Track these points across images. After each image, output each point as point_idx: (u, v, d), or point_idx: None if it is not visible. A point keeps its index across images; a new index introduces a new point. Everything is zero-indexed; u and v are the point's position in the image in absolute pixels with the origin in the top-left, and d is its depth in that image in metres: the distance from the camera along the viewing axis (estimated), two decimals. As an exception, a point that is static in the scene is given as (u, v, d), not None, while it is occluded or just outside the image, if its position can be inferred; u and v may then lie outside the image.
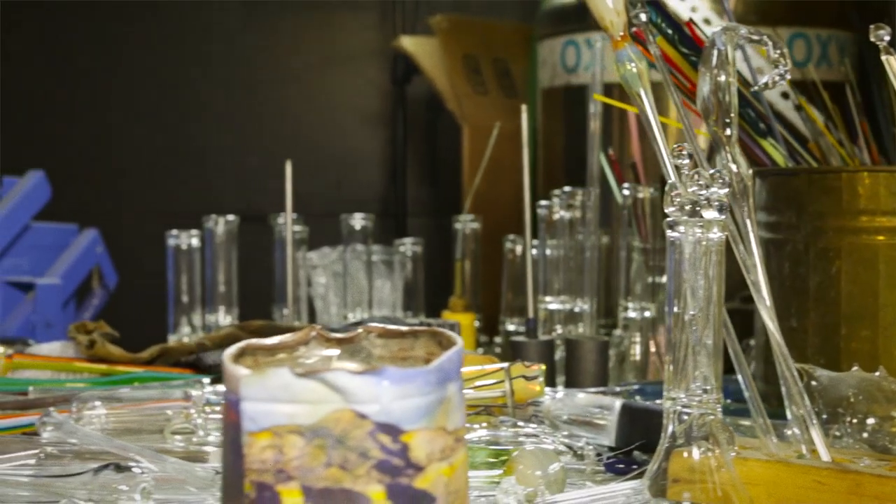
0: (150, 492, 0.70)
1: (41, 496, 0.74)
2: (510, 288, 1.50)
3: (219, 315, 1.44)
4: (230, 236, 1.45)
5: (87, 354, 1.10)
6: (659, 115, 0.84)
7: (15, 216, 1.50)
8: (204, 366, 1.09)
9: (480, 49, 2.04)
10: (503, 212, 2.00)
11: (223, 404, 0.54)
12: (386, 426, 0.52)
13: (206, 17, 2.66)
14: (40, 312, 1.49)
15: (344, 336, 0.63)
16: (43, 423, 0.84)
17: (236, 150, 2.67)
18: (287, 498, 0.52)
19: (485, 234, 1.85)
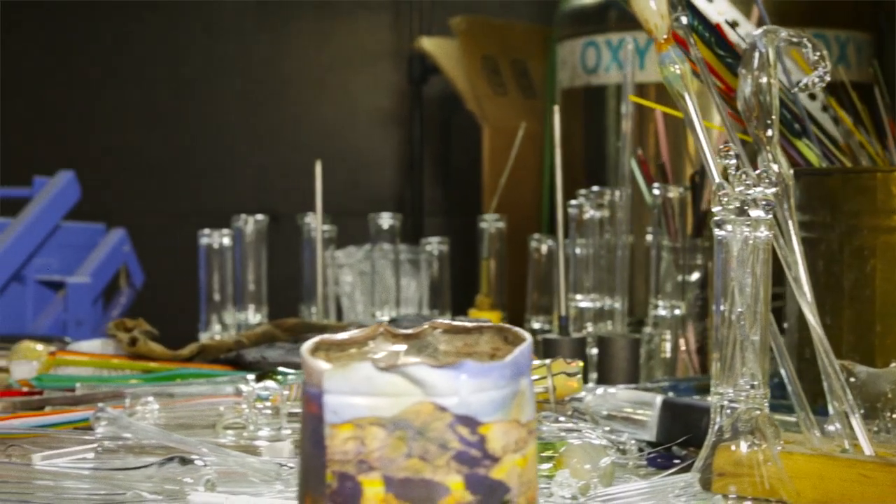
0: (214, 484, 0.71)
1: (102, 489, 0.75)
2: (536, 287, 1.52)
3: (248, 313, 1.46)
4: (259, 235, 1.47)
5: (129, 352, 1.12)
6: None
7: (46, 216, 1.51)
8: (245, 363, 1.11)
9: (499, 50, 2.05)
10: (522, 211, 2.02)
11: (303, 397, 0.56)
12: (464, 418, 0.53)
13: (221, 18, 2.68)
14: (71, 311, 1.51)
15: (410, 332, 0.64)
16: (97, 418, 0.86)
17: (253, 150, 2.69)
18: (368, 488, 0.53)
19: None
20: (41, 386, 1.04)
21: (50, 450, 0.83)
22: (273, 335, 1.22)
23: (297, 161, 2.67)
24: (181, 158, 2.64)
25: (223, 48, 2.69)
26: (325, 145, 2.68)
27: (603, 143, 1.93)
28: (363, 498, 0.53)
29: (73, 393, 1.00)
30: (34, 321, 1.51)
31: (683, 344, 1.23)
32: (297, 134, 2.69)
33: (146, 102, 2.62)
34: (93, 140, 2.58)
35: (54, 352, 1.12)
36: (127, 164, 2.56)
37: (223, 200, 2.64)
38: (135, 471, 0.75)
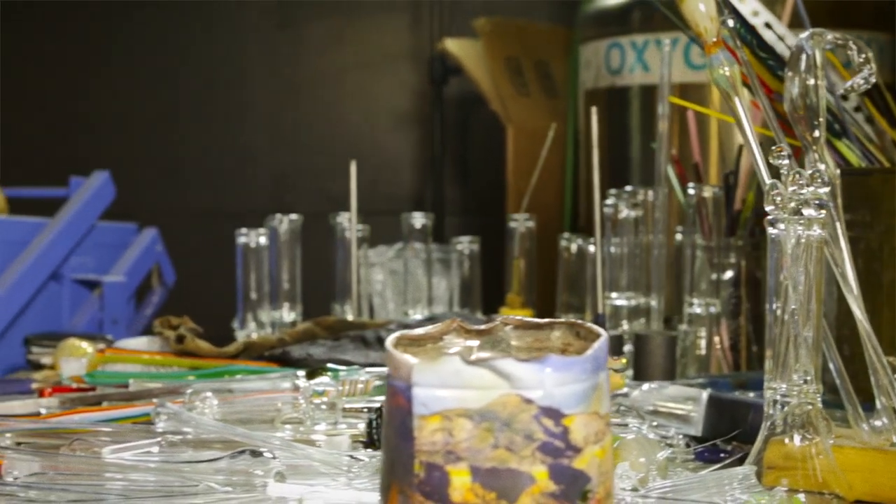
0: (284, 476, 0.73)
1: (174, 481, 0.77)
2: (565, 285, 1.54)
3: (283, 312, 1.48)
4: (294, 235, 1.49)
5: (176, 349, 1.14)
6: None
7: (82, 216, 1.53)
8: (291, 359, 1.13)
9: (522, 51, 2.07)
10: (545, 211, 2.04)
11: (388, 389, 0.58)
12: (549, 410, 0.55)
13: (244, 19, 2.70)
14: (107, 309, 1.53)
15: (483, 328, 0.66)
16: (158, 413, 0.88)
17: (274, 150, 2.71)
18: (456, 477, 0.55)
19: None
20: (93, 382, 1.06)
21: (112, 444, 0.84)
22: (314, 333, 1.24)
23: (317, 161, 2.70)
24: (203, 158, 2.66)
25: (245, 49, 2.70)
26: (345, 146, 2.70)
27: (626, 144, 1.94)
28: (451, 487, 0.55)
29: (126, 389, 1.02)
30: (70, 319, 1.52)
31: (718, 341, 1.25)
32: (316, 134, 2.71)
33: (170, 102, 2.64)
34: (112, 140, 2.60)
35: (103, 349, 1.14)
36: (144, 163, 2.58)
37: (244, 200, 2.66)
38: (203, 464, 0.76)
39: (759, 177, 0.85)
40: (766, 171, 0.84)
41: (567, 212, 2.11)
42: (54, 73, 2.61)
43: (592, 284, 1.42)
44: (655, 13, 1.91)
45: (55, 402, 0.98)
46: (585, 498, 0.56)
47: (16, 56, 2.61)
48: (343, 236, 1.51)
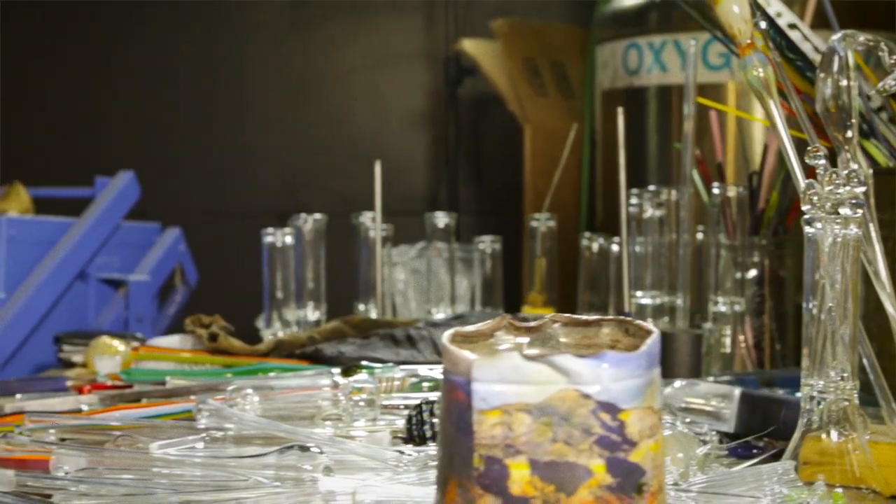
0: (332, 470, 0.74)
1: (217, 476, 0.78)
2: (586, 284, 1.55)
3: (307, 310, 1.49)
4: (318, 234, 1.50)
5: (209, 347, 1.15)
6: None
7: (108, 216, 1.55)
8: (323, 357, 1.14)
9: (539, 52, 2.09)
10: (561, 210, 2.05)
11: (446, 385, 0.59)
12: (606, 405, 0.56)
13: (256, 20, 2.72)
14: (132, 308, 1.55)
15: (532, 325, 0.68)
16: (200, 409, 0.89)
17: (285, 150, 2.72)
18: (515, 471, 0.56)
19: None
20: (130, 379, 1.07)
21: (155, 440, 0.86)
22: (342, 331, 1.26)
23: (328, 162, 2.71)
24: (215, 159, 2.68)
25: (258, 50, 2.72)
26: (357, 146, 2.72)
27: (643, 144, 1.96)
28: (510, 480, 0.57)
29: (163, 386, 1.03)
30: (96, 318, 1.54)
31: (743, 339, 1.26)
32: (328, 135, 2.73)
33: (178, 102, 2.66)
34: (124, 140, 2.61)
35: (136, 347, 1.15)
36: (153, 163, 2.60)
37: (255, 201, 2.68)
38: (250, 459, 0.78)
39: (794, 177, 0.86)
40: (802, 171, 0.86)
41: (583, 211, 2.12)
42: (75, 73, 2.62)
43: (616, 283, 1.43)
44: (673, 14, 1.93)
45: (95, 399, 0.99)
46: (640, 491, 0.57)
47: (38, 56, 2.63)
48: (367, 236, 1.52)
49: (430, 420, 0.87)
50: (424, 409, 0.88)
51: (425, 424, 0.87)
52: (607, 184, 2.02)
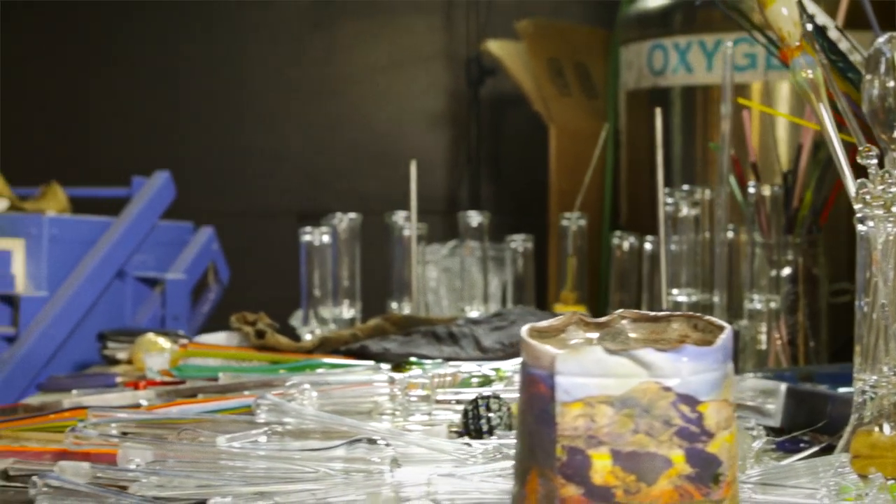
0: (399, 463, 0.76)
1: (280, 468, 0.80)
2: (617, 282, 1.57)
3: (343, 308, 1.51)
4: (353, 233, 1.52)
5: (257, 344, 1.17)
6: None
7: (145, 215, 1.57)
8: (370, 353, 1.16)
9: (562, 52, 2.11)
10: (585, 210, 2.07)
11: (526, 378, 0.61)
12: (685, 397, 0.58)
13: (277, 20, 2.74)
14: (169, 306, 1.56)
15: (601, 321, 0.69)
16: (259, 404, 0.91)
17: (305, 150, 2.74)
18: (597, 461, 0.58)
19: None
20: (182, 376, 1.09)
21: (218, 433, 0.88)
22: (383, 329, 1.28)
23: (349, 161, 2.73)
24: (235, 158, 2.70)
25: (279, 50, 2.74)
26: (377, 145, 2.74)
27: (669, 143, 1.98)
28: (592, 470, 0.58)
29: (216, 382, 1.05)
30: (133, 316, 1.56)
31: (778, 335, 1.28)
32: (349, 135, 2.75)
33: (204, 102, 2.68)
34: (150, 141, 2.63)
35: (185, 344, 1.17)
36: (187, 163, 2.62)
37: (276, 200, 2.70)
38: (317, 451, 0.80)
39: (843, 178, 0.88)
40: (851, 172, 0.87)
41: (607, 210, 2.14)
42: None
43: (650, 281, 1.45)
44: (697, 15, 1.94)
45: (152, 395, 1.01)
46: (717, 481, 0.59)
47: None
48: (401, 235, 1.54)
49: (486, 415, 0.89)
50: (480, 404, 0.90)
51: (482, 419, 0.89)
52: (632, 183, 2.04)
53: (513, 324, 1.24)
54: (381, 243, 1.55)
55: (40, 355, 1.33)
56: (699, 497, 0.59)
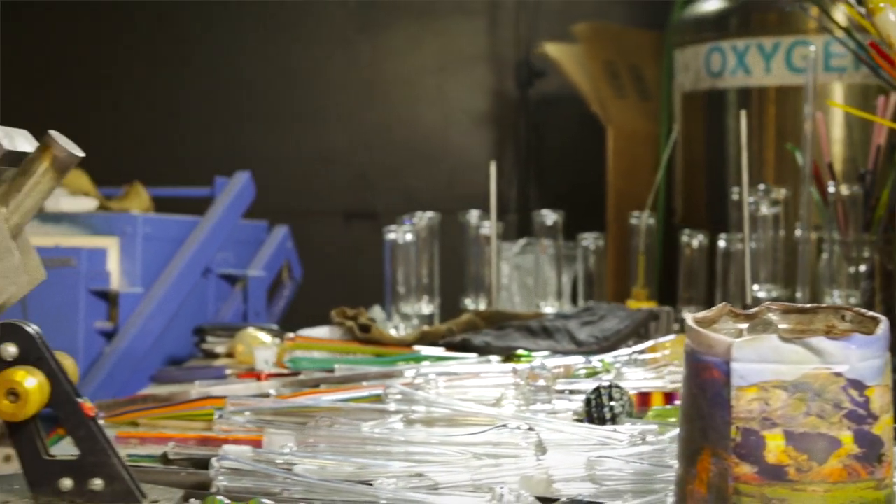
0: (543, 448, 0.81)
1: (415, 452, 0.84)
2: (686, 279, 1.61)
3: (422, 305, 1.55)
4: (432, 231, 1.56)
5: (363, 337, 1.22)
6: None
7: (228, 214, 1.61)
8: (472, 346, 1.20)
9: (618, 55, 2.15)
10: (639, 209, 2.12)
11: (697, 364, 0.65)
12: (854, 382, 0.63)
13: (325, 23, 2.78)
14: (251, 302, 1.61)
15: (750, 312, 0.74)
16: (387, 393, 0.96)
17: (352, 150, 2.79)
18: (771, 441, 0.63)
19: (620, 228, 1.96)
20: (296, 368, 1.14)
21: (354, 420, 0.92)
22: (475, 323, 1.32)
23: (395, 161, 2.78)
24: (283, 159, 2.74)
25: (327, 53, 2.78)
26: (422, 146, 2.78)
27: (724, 143, 2.02)
28: (766, 450, 0.63)
29: (331, 373, 1.10)
30: (216, 312, 1.60)
31: (857, 331, 1.32)
32: (395, 135, 2.79)
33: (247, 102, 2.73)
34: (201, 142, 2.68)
35: (293, 338, 1.22)
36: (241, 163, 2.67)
37: (323, 199, 2.74)
38: (458, 436, 0.84)
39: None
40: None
41: (660, 209, 2.18)
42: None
43: (723, 277, 1.49)
44: (752, 18, 1.99)
45: (276, 385, 1.05)
46: (880, 461, 0.64)
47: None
48: (477, 233, 1.59)
49: (608, 403, 0.94)
50: (603, 393, 0.94)
51: (604, 407, 0.94)
52: (688, 183, 2.09)
53: (602, 318, 1.29)
54: (437, 241, 1.59)
55: (139, 349, 1.38)
56: (865, 476, 0.63)
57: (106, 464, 0.70)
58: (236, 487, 0.76)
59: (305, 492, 0.76)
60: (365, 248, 2.80)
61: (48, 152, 0.69)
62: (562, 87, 2.58)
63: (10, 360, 0.70)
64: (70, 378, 0.71)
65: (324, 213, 2.73)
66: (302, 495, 0.76)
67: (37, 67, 2.70)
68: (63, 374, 0.70)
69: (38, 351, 0.70)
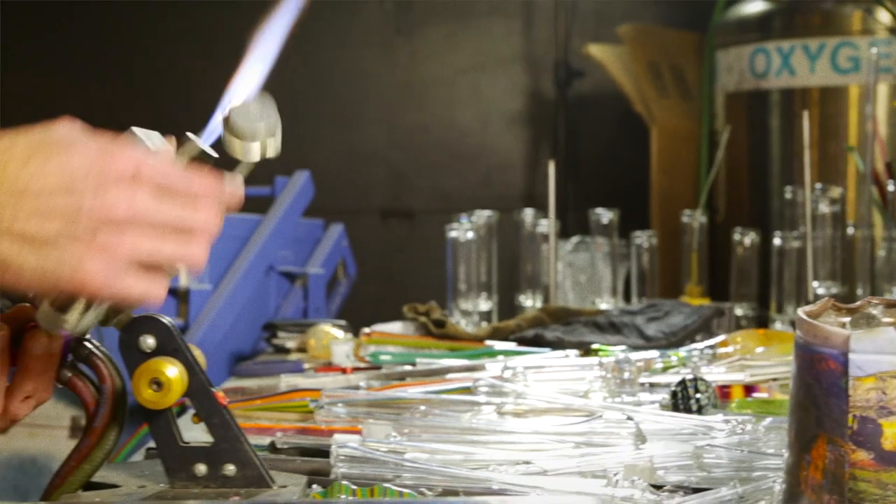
0: (643, 437, 0.84)
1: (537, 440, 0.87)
2: (738, 276, 1.64)
3: (479, 301, 1.59)
4: (489, 230, 1.60)
5: (438, 332, 1.25)
6: None
7: (290, 212, 1.64)
8: (545, 341, 1.24)
9: (660, 56, 2.18)
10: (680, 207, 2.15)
11: (812, 356, 0.68)
12: (967, 372, 0.66)
13: (363, 24, 2.81)
14: (311, 298, 1.64)
15: (853, 306, 0.77)
16: (477, 385, 0.99)
17: (389, 149, 2.82)
18: (888, 429, 0.66)
19: (665, 226, 1.99)
20: (377, 362, 1.17)
21: (445, 412, 0.95)
22: (541, 319, 1.35)
23: (432, 161, 2.81)
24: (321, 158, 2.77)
25: (365, 54, 2.82)
26: (458, 145, 2.81)
27: (767, 143, 2.05)
28: (883, 437, 0.66)
29: (413, 367, 1.13)
30: (277, 308, 1.63)
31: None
32: (432, 135, 2.82)
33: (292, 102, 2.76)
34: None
35: (369, 333, 1.25)
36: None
37: (360, 198, 2.77)
38: (559, 426, 0.87)
39: None
40: None
41: (702, 207, 2.21)
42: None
43: (778, 275, 1.52)
44: (796, 19, 2.02)
45: (362, 379, 1.09)
46: None
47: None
48: (534, 231, 1.62)
49: (694, 395, 0.97)
50: (689, 385, 0.97)
51: (690, 399, 0.97)
52: (731, 182, 2.12)
53: (667, 314, 1.32)
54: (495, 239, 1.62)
55: (209, 344, 1.41)
56: (976, 461, 0.66)
57: (239, 450, 0.73)
58: (353, 474, 0.80)
59: (418, 478, 0.79)
60: (401, 246, 2.84)
61: (185, 152, 0.72)
62: (597, 88, 2.61)
63: (149, 352, 0.73)
64: (202, 368, 0.74)
65: (361, 212, 2.76)
66: (415, 482, 0.79)
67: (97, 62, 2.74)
68: (197, 364, 0.73)
69: (174, 342, 0.73)
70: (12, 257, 0.61)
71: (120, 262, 0.63)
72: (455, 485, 0.77)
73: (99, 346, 0.74)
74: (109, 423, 0.74)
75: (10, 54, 2.74)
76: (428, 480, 0.79)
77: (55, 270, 0.62)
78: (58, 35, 2.80)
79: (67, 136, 0.64)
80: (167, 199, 0.65)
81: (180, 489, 0.73)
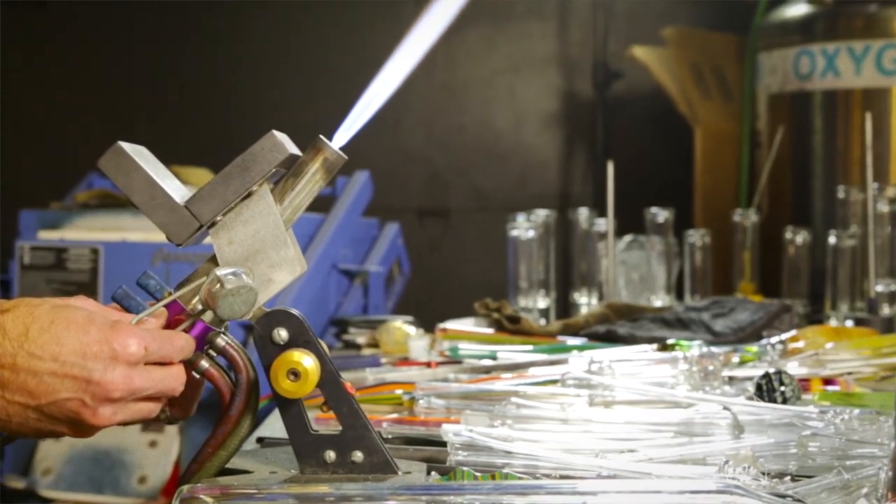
0: (741, 427, 0.87)
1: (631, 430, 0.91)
2: (790, 274, 1.67)
3: (537, 298, 1.62)
4: (548, 228, 1.63)
5: (512, 328, 1.28)
6: None
7: (350, 212, 1.68)
8: (617, 336, 1.27)
9: (702, 58, 2.22)
10: (721, 207, 2.18)
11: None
12: None
13: (399, 25, 2.85)
14: (371, 296, 1.68)
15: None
16: (566, 378, 1.03)
17: (427, 149, 2.85)
18: None
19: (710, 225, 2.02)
20: (456, 357, 1.20)
21: (534, 404, 0.98)
22: (607, 315, 1.39)
23: (469, 160, 2.84)
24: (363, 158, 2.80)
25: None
26: (494, 146, 2.85)
27: (810, 143, 2.08)
28: None
29: (494, 361, 1.16)
30: (338, 305, 1.67)
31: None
32: (469, 135, 2.86)
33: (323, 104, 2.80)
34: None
35: (444, 329, 1.28)
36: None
37: (399, 197, 2.81)
38: (658, 417, 0.90)
39: None
40: None
41: (743, 206, 2.24)
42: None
43: (833, 273, 1.55)
44: (839, 22, 2.05)
45: (447, 372, 1.12)
46: None
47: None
48: (589, 230, 1.65)
49: (779, 388, 1.00)
50: (773, 378, 1.00)
51: (775, 391, 1.00)
52: (773, 182, 2.15)
53: (732, 311, 1.35)
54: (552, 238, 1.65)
55: (280, 341, 1.44)
56: None
57: (366, 437, 0.76)
58: (468, 461, 0.83)
59: (528, 466, 0.82)
60: (437, 244, 2.87)
61: (320, 155, 0.76)
62: (633, 89, 2.65)
63: (283, 344, 0.76)
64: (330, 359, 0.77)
65: (398, 211, 2.80)
66: (526, 469, 0.82)
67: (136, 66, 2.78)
68: (327, 356, 0.77)
69: (306, 334, 0.77)
70: (19, 411, 0.73)
71: (108, 425, 0.75)
72: (564, 471, 0.81)
73: (233, 339, 0.78)
74: (244, 410, 0.77)
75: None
76: (537, 467, 0.82)
77: (51, 428, 0.75)
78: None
79: (84, 310, 0.76)
80: (156, 367, 0.75)
81: (311, 475, 0.76)
